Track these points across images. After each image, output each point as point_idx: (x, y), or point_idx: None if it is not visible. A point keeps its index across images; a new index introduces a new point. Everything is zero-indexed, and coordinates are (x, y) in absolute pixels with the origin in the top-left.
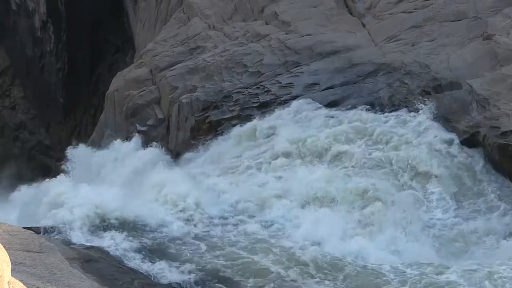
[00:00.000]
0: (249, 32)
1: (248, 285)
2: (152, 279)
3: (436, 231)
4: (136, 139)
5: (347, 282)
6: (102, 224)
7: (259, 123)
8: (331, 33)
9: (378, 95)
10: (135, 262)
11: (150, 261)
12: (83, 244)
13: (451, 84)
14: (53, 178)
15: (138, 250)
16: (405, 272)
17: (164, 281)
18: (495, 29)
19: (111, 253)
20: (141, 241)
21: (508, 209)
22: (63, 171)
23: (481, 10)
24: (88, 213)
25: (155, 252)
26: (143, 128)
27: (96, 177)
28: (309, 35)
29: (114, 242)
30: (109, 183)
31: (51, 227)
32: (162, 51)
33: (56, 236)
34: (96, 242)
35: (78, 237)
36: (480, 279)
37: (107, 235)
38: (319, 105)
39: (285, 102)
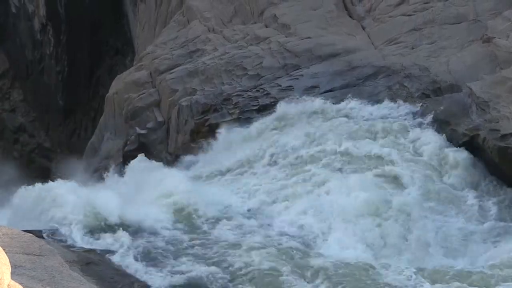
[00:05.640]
0: (248, 35)
1: None
2: (152, 282)
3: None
4: None
5: None
6: (102, 227)
7: None
8: (331, 36)
9: (378, 98)
10: (135, 265)
11: (150, 264)
12: (83, 247)
13: (451, 87)
14: (51, 181)
15: (138, 253)
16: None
17: (164, 284)
18: (494, 32)
19: (110, 256)
20: (141, 244)
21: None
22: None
23: (481, 13)
24: (87, 216)
25: (154, 255)
26: (143, 131)
27: None
28: (308, 38)
29: (113, 245)
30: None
31: (50, 230)
32: (161, 54)
33: (55, 239)
34: (95, 245)
35: (77, 239)
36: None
37: (107, 238)
38: None
39: None
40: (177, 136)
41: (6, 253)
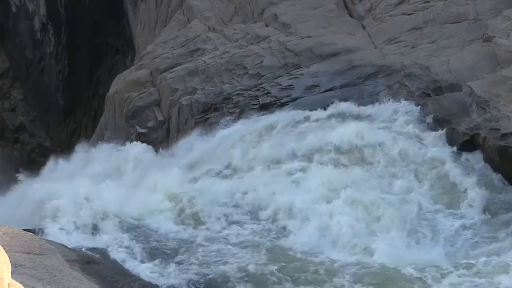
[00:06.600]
0: (249, 34)
1: None
2: (153, 281)
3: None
4: None
5: None
6: (101, 225)
7: None
8: (331, 35)
9: (378, 97)
10: (135, 264)
11: (151, 263)
12: (83, 246)
13: (451, 86)
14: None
15: (138, 252)
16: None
17: (165, 283)
18: (495, 31)
19: (111, 255)
20: (142, 242)
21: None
22: None
23: (481, 12)
24: (86, 214)
25: (155, 253)
26: (143, 130)
27: None
28: (309, 37)
29: (114, 244)
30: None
31: (49, 228)
32: (162, 53)
33: (55, 238)
34: (95, 243)
35: (77, 238)
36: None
37: (107, 236)
38: None
39: (285, 104)
40: (177, 135)
41: (6, 252)
